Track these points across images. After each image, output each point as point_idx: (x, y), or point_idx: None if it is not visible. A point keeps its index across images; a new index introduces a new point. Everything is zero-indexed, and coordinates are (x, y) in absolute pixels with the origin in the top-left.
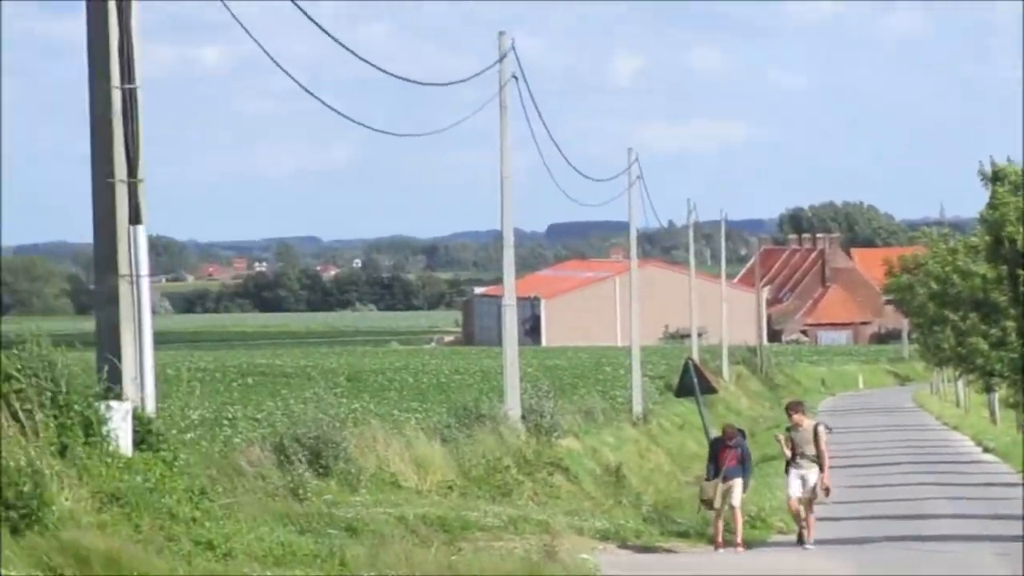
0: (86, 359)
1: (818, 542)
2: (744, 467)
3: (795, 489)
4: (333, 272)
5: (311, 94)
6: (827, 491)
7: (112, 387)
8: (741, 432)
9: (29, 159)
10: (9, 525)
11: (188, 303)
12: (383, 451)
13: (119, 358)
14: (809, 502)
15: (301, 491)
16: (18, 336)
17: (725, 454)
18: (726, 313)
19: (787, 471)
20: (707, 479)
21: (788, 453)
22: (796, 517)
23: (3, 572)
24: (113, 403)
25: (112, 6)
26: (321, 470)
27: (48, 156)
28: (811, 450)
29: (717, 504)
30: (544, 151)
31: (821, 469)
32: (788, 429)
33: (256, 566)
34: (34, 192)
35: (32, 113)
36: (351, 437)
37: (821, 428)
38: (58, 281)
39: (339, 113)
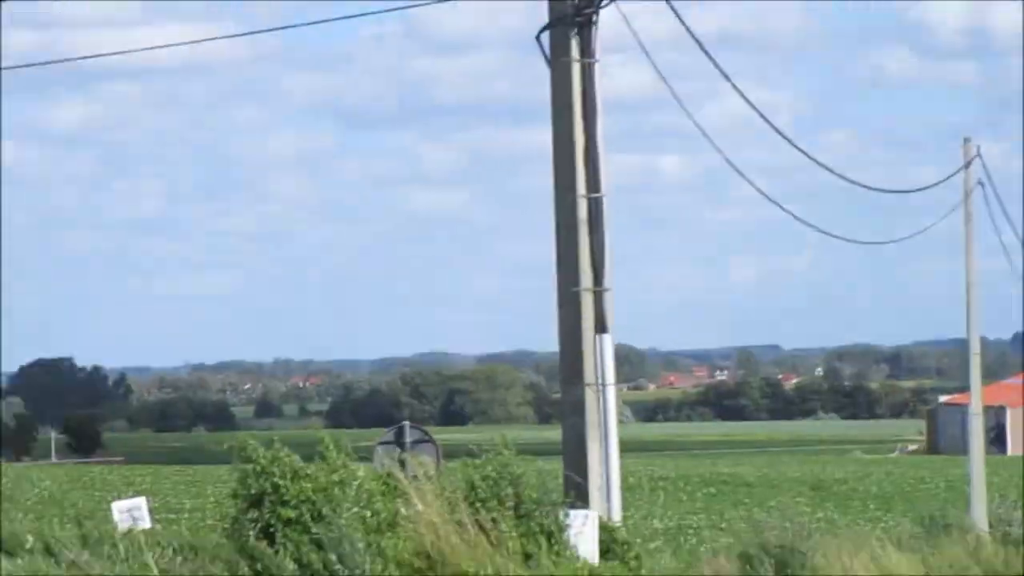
0: (547, 468)
1: None
2: None
3: None
4: (794, 380)
5: (774, 202)
6: None
7: (575, 496)
8: None
9: (489, 270)
10: None
11: (649, 412)
12: (848, 561)
13: (583, 466)
14: None
15: None
16: (481, 446)
17: None
18: None
19: None
20: None
21: None
22: None
23: None
24: (577, 511)
25: (578, 118)
26: None
27: (509, 266)
28: None
29: None
30: (1012, 256)
31: None
32: None
33: None
34: (495, 302)
35: (494, 221)
36: (817, 547)
37: None
38: (520, 390)
39: (802, 221)
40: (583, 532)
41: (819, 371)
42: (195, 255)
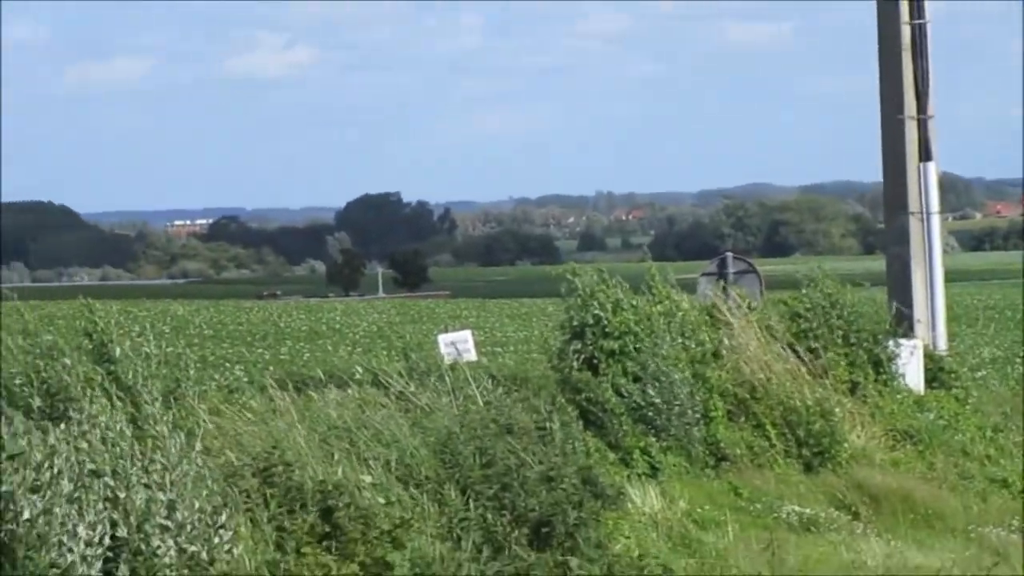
0: (872, 298)
1: None
2: None
3: None
4: None
5: None
6: None
7: (899, 326)
8: None
9: (808, 101)
10: (802, 463)
11: (975, 241)
12: None
13: (908, 296)
14: None
15: None
16: (806, 276)
17: None
18: None
19: None
20: None
21: None
22: None
23: (797, 508)
24: (902, 341)
25: None
26: None
27: (828, 97)
28: None
29: None
30: None
31: None
32: None
33: None
34: (816, 133)
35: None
36: None
37: None
38: (843, 221)
39: None
40: (909, 362)
41: None
42: (516, 90)
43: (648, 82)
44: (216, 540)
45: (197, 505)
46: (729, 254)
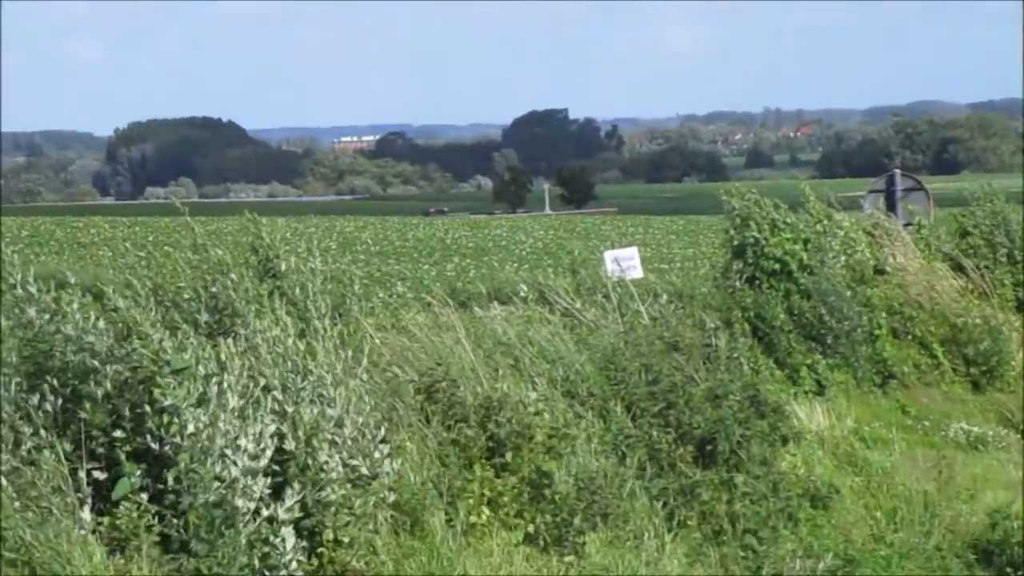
0: None
1: None
2: None
3: None
4: None
5: None
6: None
7: None
8: None
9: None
10: (970, 381)
11: None
12: None
13: None
14: None
15: None
16: (974, 194)
17: None
18: None
19: None
20: None
21: None
22: None
23: (965, 426)
24: None
25: None
26: None
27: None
28: None
29: None
30: None
31: None
32: None
33: None
34: (985, 50)
35: None
36: None
37: None
38: (1014, 138)
39: None
40: None
41: None
42: (682, 9)
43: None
44: (377, 455)
45: (360, 420)
46: (897, 171)
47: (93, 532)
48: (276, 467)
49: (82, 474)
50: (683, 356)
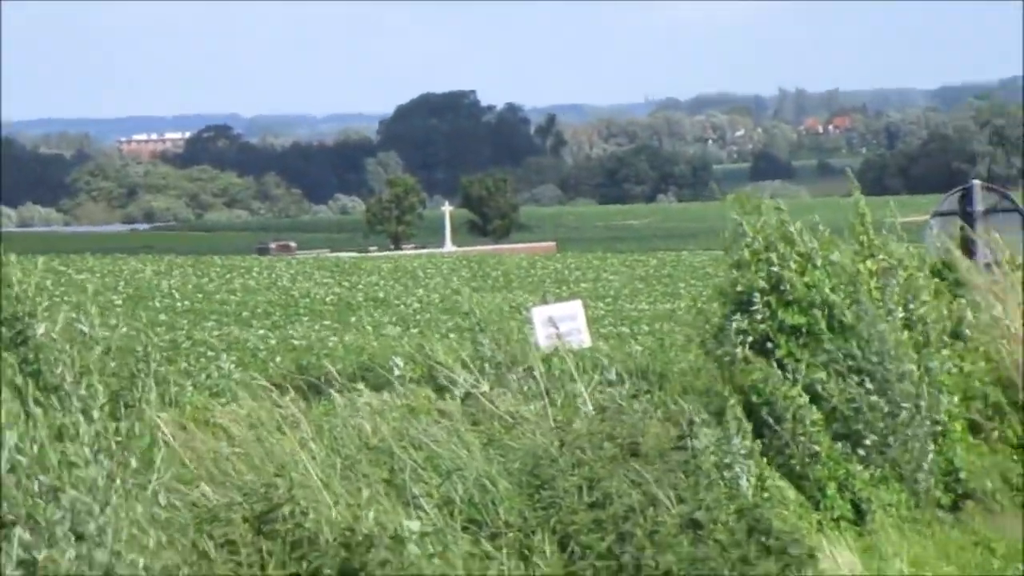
0: None
1: None
2: None
3: None
4: None
5: None
6: None
7: None
8: None
9: None
10: None
11: None
12: None
13: None
14: None
15: None
16: None
17: None
18: None
19: None
20: None
21: None
22: None
23: None
24: None
25: None
26: None
27: None
28: None
29: None
30: None
31: None
32: None
33: None
34: None
35: None
36: None
37: None
38: None
39: None
40: None
41: None
42: None
43: None
44: None
45: (143, 563)
46: (976, 183)
47: None
48: None
49: None
50: (647, 465)
